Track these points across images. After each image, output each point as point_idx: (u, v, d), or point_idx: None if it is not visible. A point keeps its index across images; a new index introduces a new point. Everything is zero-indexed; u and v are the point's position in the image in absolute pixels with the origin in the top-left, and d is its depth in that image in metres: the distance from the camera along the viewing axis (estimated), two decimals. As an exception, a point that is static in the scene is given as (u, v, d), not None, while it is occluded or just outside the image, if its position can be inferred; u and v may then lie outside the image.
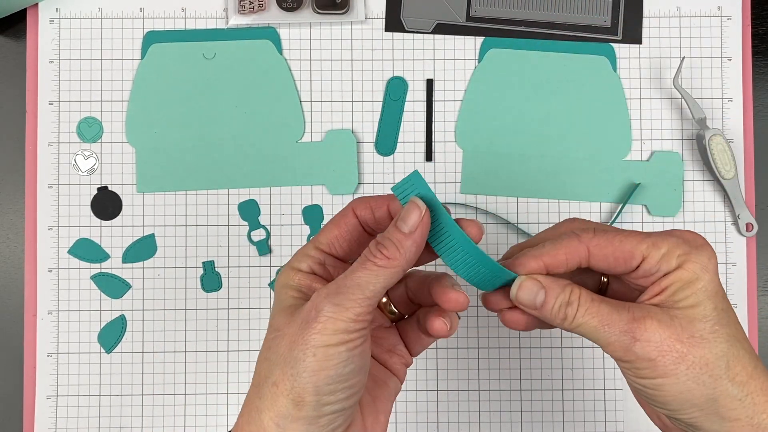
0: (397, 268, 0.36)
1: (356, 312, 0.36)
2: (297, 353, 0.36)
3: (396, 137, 0.60)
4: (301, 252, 0.40)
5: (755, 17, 0.61)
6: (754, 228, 0.59)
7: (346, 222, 0.40)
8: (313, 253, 0.40)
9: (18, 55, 0.60)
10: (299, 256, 0.40)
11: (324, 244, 0.40)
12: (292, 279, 0.39)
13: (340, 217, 0.40)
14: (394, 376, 0.42)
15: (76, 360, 0.58)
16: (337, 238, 0.40)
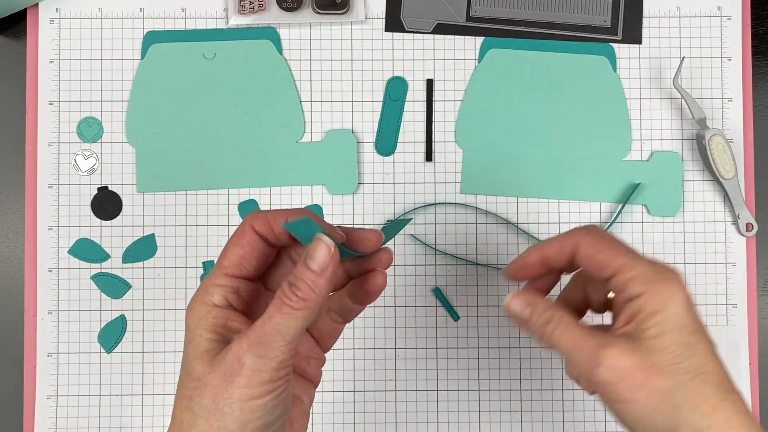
0: (313, 307, 0.36)
1: (279, 360, 0.36)
2: (223, 407, 0.35)
3: (396, 137, 0.60)
4: (209, 282, 0.38)
5: (755, 17, 0.61)
6: (754, 228, 0.59)
7: (248, 240, 0.39)
8: (223, 281, 0.38)
9: (18, 55, 0.60)
10: (208, 287, 0.38)
11: (231, 268, 0.39)
12: (206, 317, 0.37)
13: (239, 236, 0.39)
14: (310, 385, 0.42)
15: (76, 360, 0.58)
16: (243, 259, 0.39)
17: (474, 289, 0.59)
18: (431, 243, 0.59)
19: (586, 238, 0.42)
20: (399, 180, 0.59)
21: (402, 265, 0.59)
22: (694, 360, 0.39)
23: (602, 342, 0.40)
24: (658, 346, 0.39)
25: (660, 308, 0.40)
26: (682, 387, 0.39)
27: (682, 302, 0.40)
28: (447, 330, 0.59)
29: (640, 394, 0.39)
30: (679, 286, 0.40)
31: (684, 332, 0.39)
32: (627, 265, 0.40)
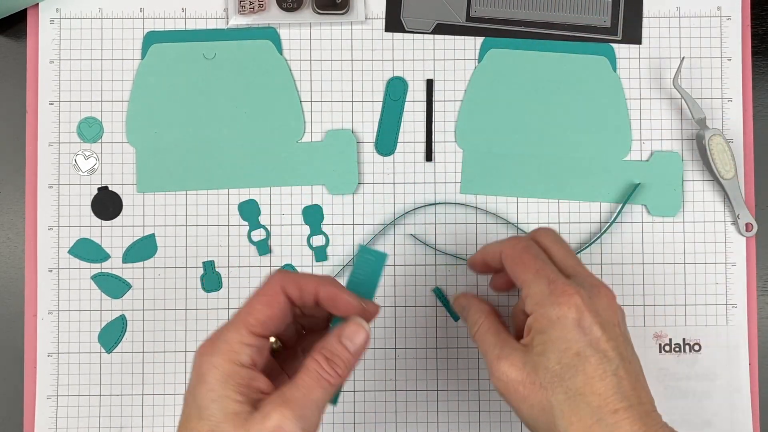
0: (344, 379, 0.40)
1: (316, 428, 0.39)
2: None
3: (396, 137, 0.60)
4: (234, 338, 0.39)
5: (755, 17, 0.61)
6: (754, 228, 0.59)
7: (278, 302, 0.41)
8: (250, 341, 0.39)
9: (18, 55, 0.60)
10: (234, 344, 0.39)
11: (257, 327, 0.40)
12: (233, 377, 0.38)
13: (268, 295, 0.40)
14: None
15: (77, 360, 0.58)
16: (270, 319, 0.40)
17: (474, 289, 0.59)
18: (431, 243, 0.59)
19: (507, 250, 0.47)
20: (399, 180, 0.60)
21: (402, 265, 0.59)
22: (576, 380, 0.42)
23: (500, 354, 0.44)
24: (542, 364, 0.43)
25: (544, 329, 0.43)
26: (558, 405, 0.42)
27: (566, 325, 0.42)
28: (447, 330, 0.59)
29: (523, 405, 0.43)
30: (568, 309, 0.43)
31: (568, 354, 0.42)
32: (527, 282, 0.44)
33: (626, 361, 0.43)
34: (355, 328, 0.41)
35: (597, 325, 0.43)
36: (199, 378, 0.39)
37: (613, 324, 0.44)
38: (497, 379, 0.44)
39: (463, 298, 0.51)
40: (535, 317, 0.44)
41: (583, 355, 0.42)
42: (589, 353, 0.42)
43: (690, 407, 0.42)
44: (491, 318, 0.48)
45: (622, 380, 0.42)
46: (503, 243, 0.48)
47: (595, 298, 0.44)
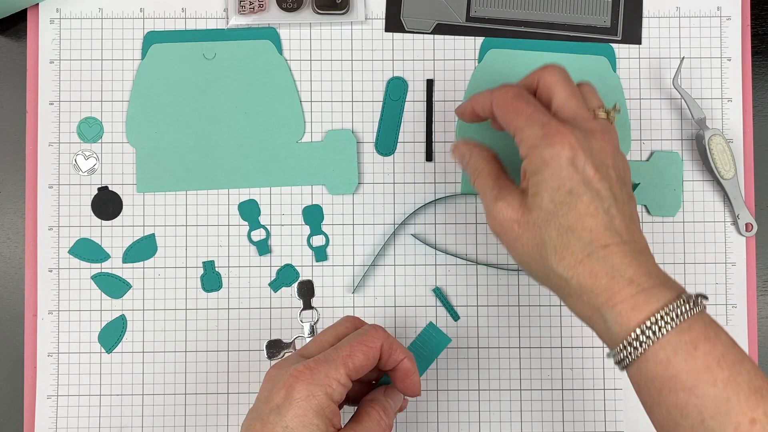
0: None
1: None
2: None
3: (396, 137, 0.60)
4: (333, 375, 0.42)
5: (755, 17, 0.61)
6: (754, 228, 0.59)
7: (375, 356, 0.44)
8: (346, 382, 0.43)
9: (18, 55, 0.60)
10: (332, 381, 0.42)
11: (354, 373, 0.43)
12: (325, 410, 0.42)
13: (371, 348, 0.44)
14: None
15: (77, 360, 0.58)
16: (364, 369, 0.44)
17: (474, 289, 0.59)
18: (431, 243, 0.59)
19: (498, 98, 0.47)
20: (399, 180, 0.60)
21: (402, 265, 0.59)
22: (569, 217, 0.43)
23: (497, 195, 0.46)
24: (535, 204, 0.44)
25: (538, 170, 0.44)
26: (550, 242, 0.43)
27: (560, 164, 0.43)
28: (447, 330, 0.59)
29: (517, 244, 0.45)
30: (561, 148, 0.43)
31: (561, 191, 0.43)
32: (520, 128, 0.45)
33: (619, 201, 0.44)
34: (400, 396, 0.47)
35: (590, 165, 0.43)
36: (291, 400, 0.42)
37: (607, 165, 0.44)
38: (493, 219, 0.46)
39: (463, 146, 0.51)
40: (530, 159, 0.44)
41: (576, 192, 0.43)
42: (582, 191, 0.43)
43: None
44: (491, 164, 0.49)
45: (614, 218, 0.43)
46: (493, 91, 0.48)
47: (591, 140, 0.44)
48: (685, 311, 0.41)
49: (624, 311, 0.41)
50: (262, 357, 0.59)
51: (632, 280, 0.42)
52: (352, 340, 0.44)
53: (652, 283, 0.42)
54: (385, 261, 0.59)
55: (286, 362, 0.44)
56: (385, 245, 0.59)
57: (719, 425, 0.39)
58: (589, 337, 0.59)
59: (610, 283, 0.42)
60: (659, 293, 0.41)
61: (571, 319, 0.59)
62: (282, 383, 0.42)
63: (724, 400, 0.39)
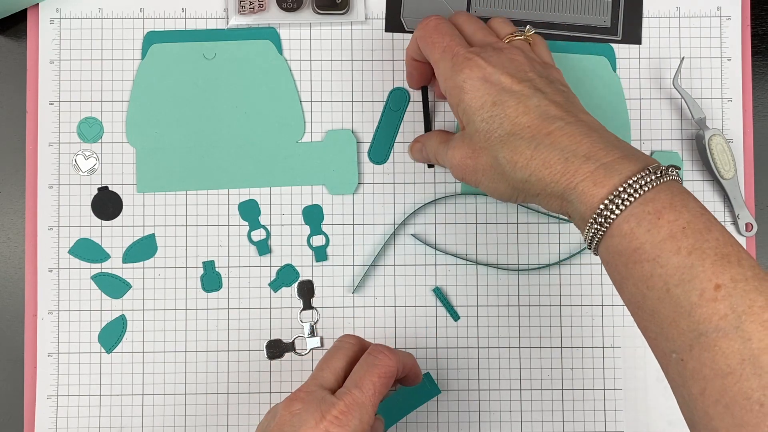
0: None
1: None
2: None
3: (390, 147, 0.60)
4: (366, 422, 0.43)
5: (755, 17, 0.61)
6: (754, 228, 0.59)
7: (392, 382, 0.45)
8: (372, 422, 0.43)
9: (18, 55, 0.60)
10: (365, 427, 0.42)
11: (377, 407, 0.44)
12: None
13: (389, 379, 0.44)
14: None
15: (77, 360, 0.58)
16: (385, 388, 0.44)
17: (474, 289, 0.59)
18: (431, 243, 0.59)
19: (418, 32, 0.49)
20: (399, 180, 0.60)
21: (402, 265, 0.59)
22: (504, 126, 0.43)
23: (447, 146, 0.48)
24: (472, 132, 0.45)
25: (459, 99, 0.45)
26: (498, 155, 0.44)
27: (474, 84, 0.44)
28: (447, 330, 0.59)
29: (478, 176, 0.46)
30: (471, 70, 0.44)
31: (485, 109, 0.44)
32: (436, 61, 0.46)
33: (548, 93, 0.44)
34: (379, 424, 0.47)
35: (504, 74, 0.44)
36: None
37: (523, 71, 0.45)
38: (452, 167, 0.47)
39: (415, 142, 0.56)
40: (449, 93, 0.46)
41: (500, 101, 0.44)
42: (505, 98, 0.44)
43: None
44: (440, 135, 0.52)
45: (548, 107, 0.43)
46: (417, 29, 0.50)
47: (499, 55, 0.45)
48: (649, 182, 0.40)
49: (586, 189, 0.41)
50: (262, 357, 0.59)
51: (588, 156, 0.41)
52: (371, 374, 0.43)
53: (612, 156, 0.41)
54: (385, 261, 0.59)
55: (311, 397, 0.43)
56: (385, 245, 0.59)
57: (684, 293, 0.38)
58: (589, 337, 0.59)
59: (565, 165, 0.41)
60: (621, 166, 0.41)
61: (570, 319, 0.59)
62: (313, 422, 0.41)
63: (688, 268, 0.38)
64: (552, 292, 0.59)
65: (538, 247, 0.59)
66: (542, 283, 0.59)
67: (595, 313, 0.59)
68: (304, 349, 0.59)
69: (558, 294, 0.59)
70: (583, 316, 0.59)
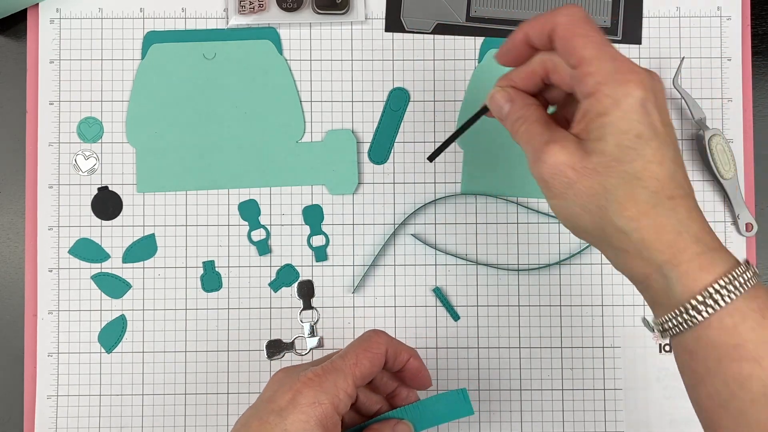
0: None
1: None
2: None
3: (390, 147, 0.60)
4: (342, 387, 0.42)
5: (755, 17, 0.61)
6: (754, 228, 0.59)
7: (381, 362, 0.44)
8: (352, 393, 0.43)
9: (18, 55, 0.60)
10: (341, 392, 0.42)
11: (360, 380, 0.43)
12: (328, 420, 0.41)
13: (376, 354, 0.44)
14: None
15: (77, 360, 0.58)
16: (371, 374, 0.44)
17: (474, 289, 0.59)
18: (431, 243, 0.59)
19: (564, 20, 0.40)
20: (399, 180, 0.60)
21: (402, 265, 0.59)
22: (635, 165, 0.39)
23: (550, 139, 0.40)
24: (597, 149, 0.39)
25: (606, 110, 0.39)
26: (612, 190, 0.39)
27: (632, 105, 0.38)
28: (447, 330, 0.59)
29: (569, 192, 0.40)
30: (635, 87, 0.38)
31: (629, 136, 0.38)
32: (590, 58, 0.39)
33: (678, 150, 0.40)
34: (406, 429, 0.45)
35: (657, 108, 0.39)
36: (295, 404, 0.41)
37: (667, 111, 0.40)
38: (543, 163, 0.40)
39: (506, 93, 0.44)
40: (597, 97, 0.39)
41: (645, 137, 0.38)
42: (651, 136, 0.39)
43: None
44: (540, 110, 0.43)
45: (678, 168, 0.40)
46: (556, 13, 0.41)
47: (654, 80, 0.40)
48: (749, 277, 0.38)
49: (690, 271, 0.38)
50: (262, 357, 0.59)
51: (698, 237, 0.38)
52: (357, 348, 0.44)
53: (716, 243, 0.39)
54: (385, 261, 0.59)
55: (295, 368, 0.44)
56: (385, 245, 0.59)
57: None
58: (589, 337, 0.59)
59: (676, 239, 0.38)
60: (725, 255, 0.38)
61: (570, 319, 0.59)
62: (288, 387, 0.42)
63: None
64: (552, 292, 0.59)
65: (538, 247, 0.59)
66: (542, 283, 0.59)
67: (595, 313, 0.59)
68: (304, 349, 0.59)
69: (558, 294, 0.59)
70: (583, 316, 0.59)
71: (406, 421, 0.45)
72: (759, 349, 0.37)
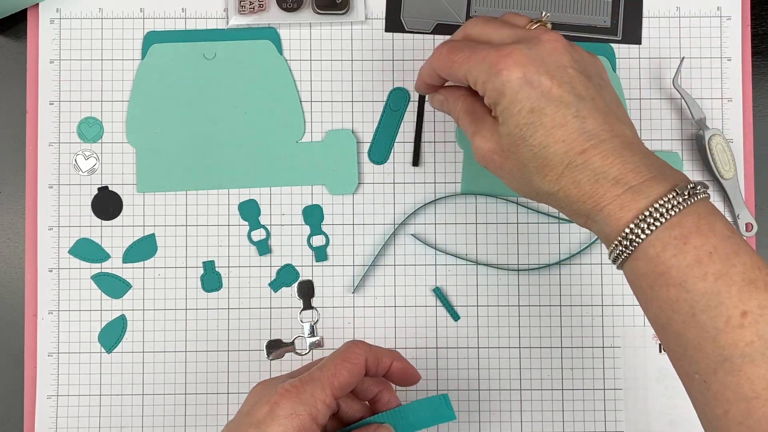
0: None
1: None
2: None
3: (390, 147, 0.60)
4: (320, 398, 0.42)
5: (755, 17, 0.61)
6: (754, 228, 0.59)
7: (360, 372, 0.44)
8: (330, 403, 0.42)
9: (18, 55, 0.60)
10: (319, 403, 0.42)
11: (339, 390, 0.43)
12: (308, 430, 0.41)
13: (353, 364, 0.44)
14: None
15: (77, 360, 0.58)
16: (350, 386, 0.44)
17: (474, 289, 0.59)
18: (431, 243, 0.59)
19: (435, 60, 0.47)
20: (399, 180, 0.60)
21: (402, 265, 0.59)
22: (537, 136, 0.42)
23: (475, 130, 0.46)
24: (504, 132, 0.43)
25: (496, 101, 0.43)
26: (527, 163, 0.43)
27: (513, 88, 0.42)
28: (447, 330, 0.59)
29: (502, 173, 0.45)
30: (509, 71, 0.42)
31: (522, 114, 0.42)
32: (468, 74, 0.44)
33: (587, 99, 0.42)
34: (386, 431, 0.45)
35: (544, 75, 0.42)
36: (273, 416, 0.41)
37: (564, 66, 0.43)
38: (476, 153, 0.46)
39: (438, 93, 0.50)
40: (487, 95, 0.43)
41: (537, 109, 0.42)
42: (543, 104, 0.42)
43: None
44: (467, 99, 0.47)
45: (586, 119, 0.42)
46: (431, 58, 0.47)
47: (536, 48, 0.43)
48: (676, 205, 0.40)
49: (612, 212, 0.41)
50: (262, 357, 0.59)
51: (617, 179, 0.41)
52: (336, 358, 0.44)
53: (640, 178, 0.41)
54: (385, 261, 0.59)
55: (273, 380, 0.44)
56: (385, 245, 0.59)
57: (710, 318, 0.38)
58: (589, 337, 0.59)
59: (593, 187, 0.41)
60: (648, 189, 0.40)
61: (570, 319, 0.59)
62: (266, 399, 0.42)
63: (715, 294, 0.38)
64: (552, 292, 0.59)
65: (538, 247, 0.59)
66: (542, 283, 0.59)
67: (595, 313, 0.59)
68: (304, 349, 0.59)
69: (558, 294, 0.59)
70: (583, 316, 0.59)
71: (386, 425, 0.45)
72: (681, 274, 0.39)
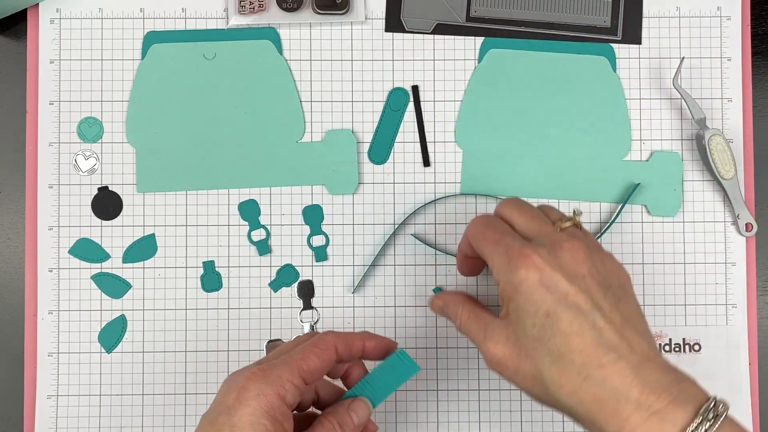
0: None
1: None
2: None
3: (390, 147, 0.60)
4: (287, 378, 0.42)
5: (755, 17, 0.61)
6: (754, 228, 0.59)
7: (330, 358, 0.44)
8: (299, 384, 0.42)
9: (18, 55, 0.60)
10: (285, 382, 0.42)
11: (309, 375, 0.43)
12: (275, 410, 0.41)
13: (322, 350, 0.44)
14: None
15: (77, 360, 0.58)
16: (319, 372, 0.43)
17: (474, 289, 0.59)
18: (431, 243, 0.59)
19: (470, 231, 0.47)
20: (399, 180, 0.60)
21: (402, 265, 0.59)
22: (555, 341, 0.41)
23: (485, 336, 0.44)
24: (521, 332, 0.42)
25: (511, 297, 0.43)
26: (544, 370, 0.41)
27: (529, 287, 0.42)
28: (447, 330, 0.59)
29: (517, 379, 0.43)
30: (527, 271, 0.42)
31: (538, 316, 0.41)
32: (488, 255, 0.45)
33: (605, 309, 0.42)
34: (362, 404, 0.45)
35: (563, 280, 0.42)
36: (241, 399, 0.41)
37: (582, 274, 0.42)
38: (489, 360, 0.44)
39: (437, 299, 0.51)
40: (502, 287, 0.43)
41: (554, 313, 0.41)
42: (560, 310, 0.41)
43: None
44: (468, 305, 0.48)
45: (603, 330, 0.41)
46: (468, 227, 0.48)
47: (558, 253, 0.42)
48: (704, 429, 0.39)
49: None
50: (262, 357, 0.59)
51: (640, 403, 0.39)
52: (304, 345, 0.44)
53: (663, 402, 0.39)
54: (385, 261, 0.59)
55: (243, 369, 0.44)
56: (385, 245, 0.59)
57: None
58: (589, 337, 0.59)
59: (616, 407, 0.40)
60: (673, 415, 0.39)
61: (571, 319, 0.59)
62: (234, 386, 0.42)
63: None
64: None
65: (538, 247, 0.59)
66: (542, 283, 0.59)
67: (595, 313, 0.59)
68: (304, 349, 0.59)
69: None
70: (583, 316, 0.59)
71: (361, 397, 0.45)
72: None
